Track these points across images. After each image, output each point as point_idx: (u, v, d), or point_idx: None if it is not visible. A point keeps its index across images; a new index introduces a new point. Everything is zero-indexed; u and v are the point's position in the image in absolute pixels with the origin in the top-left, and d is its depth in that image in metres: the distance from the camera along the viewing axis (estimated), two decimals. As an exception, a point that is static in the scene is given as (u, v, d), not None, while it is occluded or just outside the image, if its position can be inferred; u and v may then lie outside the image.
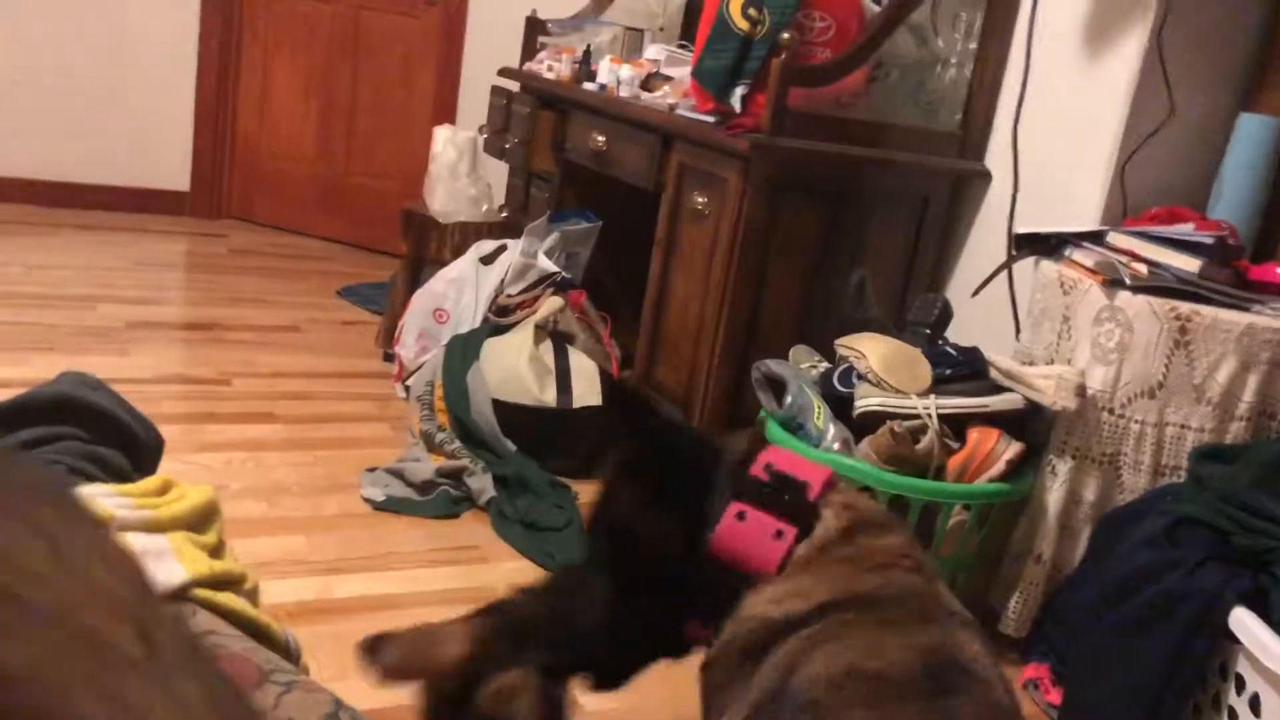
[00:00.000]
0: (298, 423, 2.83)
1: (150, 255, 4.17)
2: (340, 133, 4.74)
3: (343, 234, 4.79)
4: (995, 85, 2.79)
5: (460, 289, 3.13)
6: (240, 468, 2.52)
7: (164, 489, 1.14)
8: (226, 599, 1.03)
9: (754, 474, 1.11)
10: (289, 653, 1.09)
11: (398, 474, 2.53)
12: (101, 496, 1.06)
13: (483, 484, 2.52)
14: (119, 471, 1.20)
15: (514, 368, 2.75)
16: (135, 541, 1.02)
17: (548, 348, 2.85)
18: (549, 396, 2.74)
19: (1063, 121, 2.61)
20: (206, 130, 4.72)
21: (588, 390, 2.79)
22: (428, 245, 3.37)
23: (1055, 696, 2.02)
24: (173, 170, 4.73)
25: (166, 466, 2.39)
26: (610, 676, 1.16)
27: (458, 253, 3.27)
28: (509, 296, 3.07)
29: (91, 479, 1.13)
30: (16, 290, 3.47)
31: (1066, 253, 2.24)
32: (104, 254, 4.06)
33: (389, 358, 3.29)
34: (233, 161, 4.83)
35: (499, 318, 3.02)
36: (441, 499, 2.47)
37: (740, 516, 1.08)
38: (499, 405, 2.72)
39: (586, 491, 2.67)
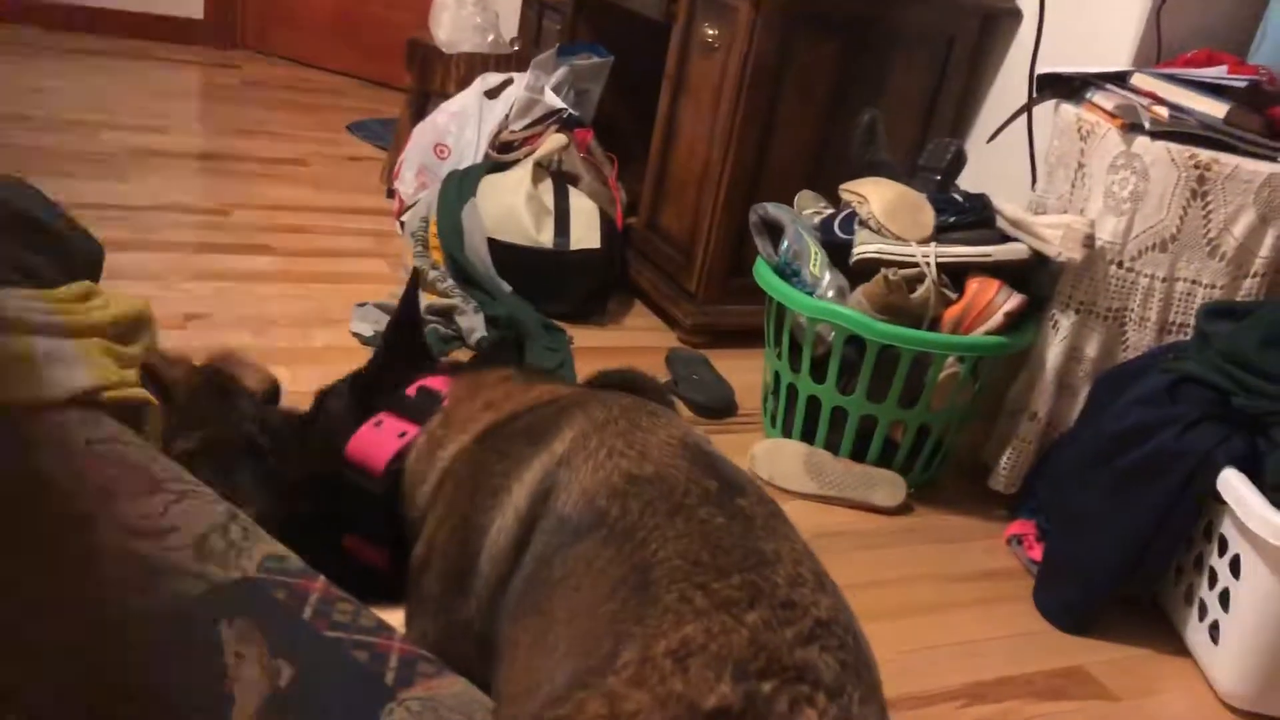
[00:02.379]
0: (293, 256, 2.78)
1: (159, 84, 4.09)
2: (356, -39, 4.57)
3: (358, 68, 4.67)
4: (1032, -85, 2.60)
5: (462, 123, 3.03)
6: (229, 296, 2.49)
7: (86, 296, 1.10)
8: (138, 392, 1.00)
9: (407, 393, 1.14)
10: None
11: (388, 310, 2.49)
12: (10, 299, 1.02)
13: (473, 323, 2.48)
14: (48, 281, 1.16)
15: (511, 206, 2.67)
16: (39, 345, 0.98)
17: (547, 187, 2.76)
18: (545, 238, 2.66)
19: (1100, -45, 2.43)
20: (220, -45, 4.57)
21: (586, 233, 2.72)
22: (433, 77, 3.26)
23: (1038, 553, 1.99)
24: (186, -3, 4.60)
25: (154, 294, 2.37)
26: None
27: (463, 85, 3.15)
28: (512, 132, 2.97)
29: (10, 285, 1.09)
30: (17, 113, 3.41)
31: (1088, 95, 2.10)
32: (111, 81, 3.97)
33: (392, 194, 3.22)
34: (247, -11, 4.68)
35: (501, 154, 2.93)
36: (430, 337, 2.43)
37: (377, 424, 1.11)
38: (494, 244, 2.65)
39: (581, 335, 2.62)
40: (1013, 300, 2.02)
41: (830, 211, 2.29)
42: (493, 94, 3.06)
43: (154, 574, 0.77)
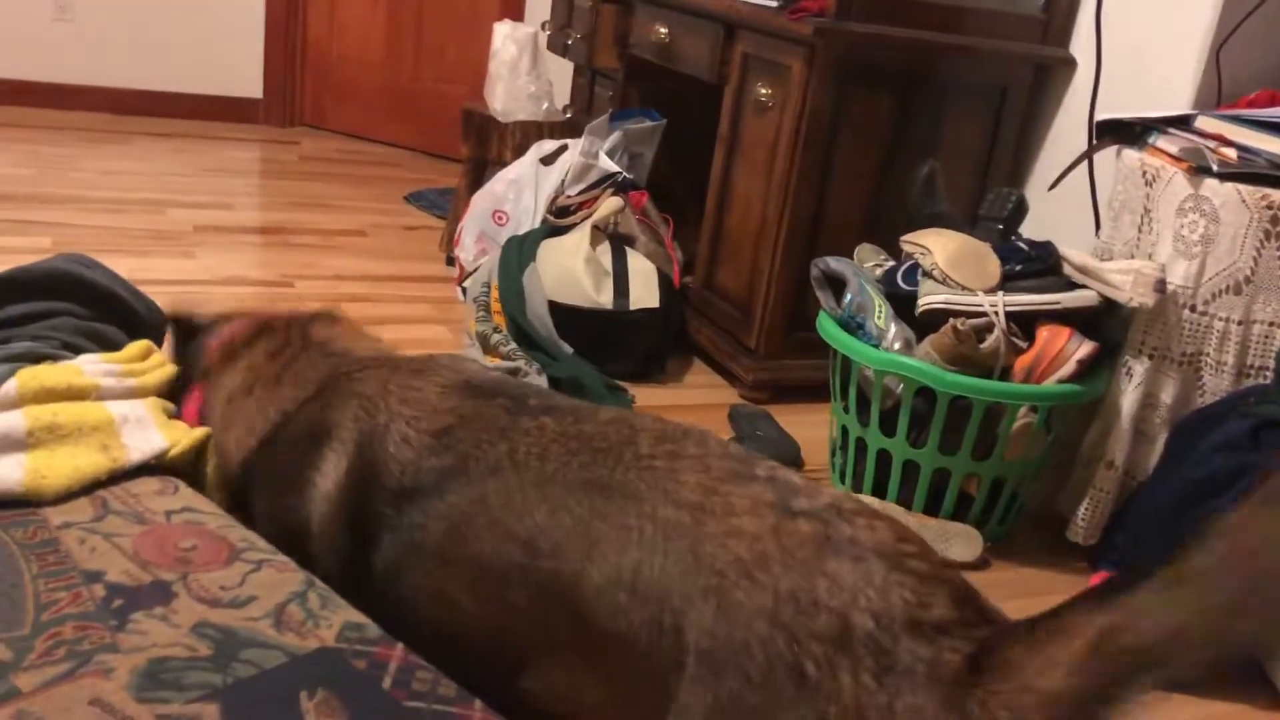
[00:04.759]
0: (356, 324, 2.81)
1: (222, 162, 4.19)
2: (409, 36, 4.68)
3: (413, 139, 4.76)
4: (1083, -38, 2.59)
5: (520, 190, 3.06)
6: (295, 367, 2.51)
7: (145, 354, 1.11)
8: (195, 436, 1.01)
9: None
10: None
11: (451, 374, 2.50)
12: (87, 364, 1.04)
13: (537, 385, 2.48)
14: (118, 347, 1.18)
15: (570, 269, 2.69)
16: (117, 409, 0.99)
17: (605, 249, 2.77)
18: (605, 299, 2.67)
19: (1153, 1, 2.41)
20: (278, 37, 4.70)
21: (645, 293, 2.72)
22: (489, 146, 3.30)
23: (1122, 608, 1.92)
24: (246, 78, 4.73)
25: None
26: None
27: (519, 153, 3.19)
28: (568, 197, 2.99)
29: (85, 352, 1.11)
30: (88, 195, 3.51)
31: (1150, 140, 2.07)
32: (176, 160, 4.08)
33: (451, 261, 3.26)
34: (304, 68, 4.81)
35: (558, 219, 2.95)
36: (493, 399, 2.44)
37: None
38: (555, 307, 2.66)
39: (642, 394, 2.61)
40: (1085, 348, 1.97)
41: (892, 264, 2.27)
42: (548, 161, 3.09)
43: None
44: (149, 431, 0.98)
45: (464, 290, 3.02)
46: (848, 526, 0.79)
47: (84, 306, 1.18)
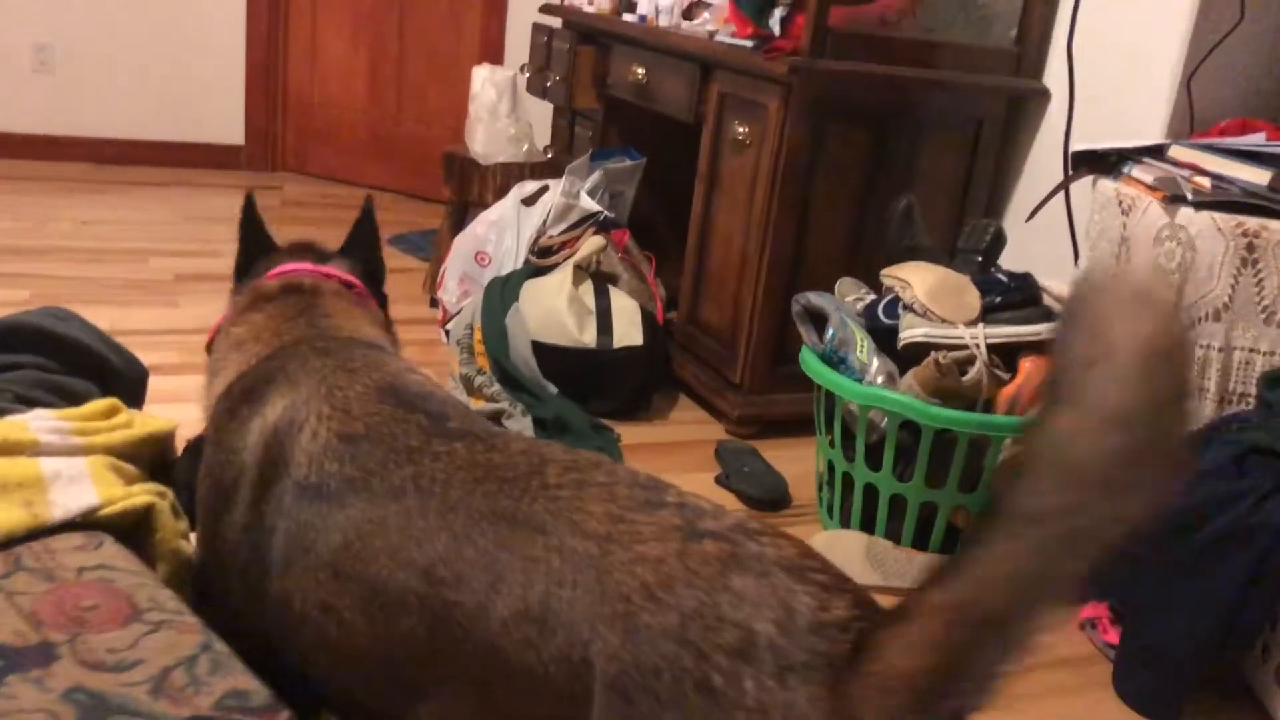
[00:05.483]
0: (340, 369, 2.80)
1: (203, 209, 4.19)
2: (390, 80, 4.70)
3: (395, 182, 4.77)
4: (1052, -4, 2.63)
5: (501, 231, 3.07)
6: (280, 414, 2.51)
7: (109, 412, 1.11)
8: (138, 501, 1.01)
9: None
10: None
11: (436, 418, 2.50)
12: (35, 419, 1.04)
13: (521, 426, 2.48)
14: (86, 401, 1.17)
15: (553, 309, 2.69)
16: (48, 466, 0.99)
17: (588, 288, 2.78)
18: (589, 338, 2.67)
19: (1123, 32, 2.45)
20: (258, 83, 4.72)
21: (629, 330, 2.72)
22: (470, 188, 3.32)
23: (1113, 636, 1.92)
24: (228, 125, 4.74)
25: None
26: None
27: (501, 195, 3.21)
28: (550, 237, 3.00)
29: (43, 406, 1.10)
30: (69, 245, 3.51)
31: (1125, 170, 2.10)
32: (158, 209, 4.08)
33: (435, 303, 3.26)
34: (285, 114, 4.82)
35: (540, 259, 2.96)
36: (479, 442, 2.43)
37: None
38: (539, 347, 2.67)
39: (628, 432, 2.61)
40: (1066, 377, 1.98)
41: (873, 297, 2.29)
42: (529, 201, 3.11)
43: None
44: (82, 488, 0.98)
45: (447, 332, 3.02)
46: (753, 544, 0.80)
47: (51, 359, 1.18)
